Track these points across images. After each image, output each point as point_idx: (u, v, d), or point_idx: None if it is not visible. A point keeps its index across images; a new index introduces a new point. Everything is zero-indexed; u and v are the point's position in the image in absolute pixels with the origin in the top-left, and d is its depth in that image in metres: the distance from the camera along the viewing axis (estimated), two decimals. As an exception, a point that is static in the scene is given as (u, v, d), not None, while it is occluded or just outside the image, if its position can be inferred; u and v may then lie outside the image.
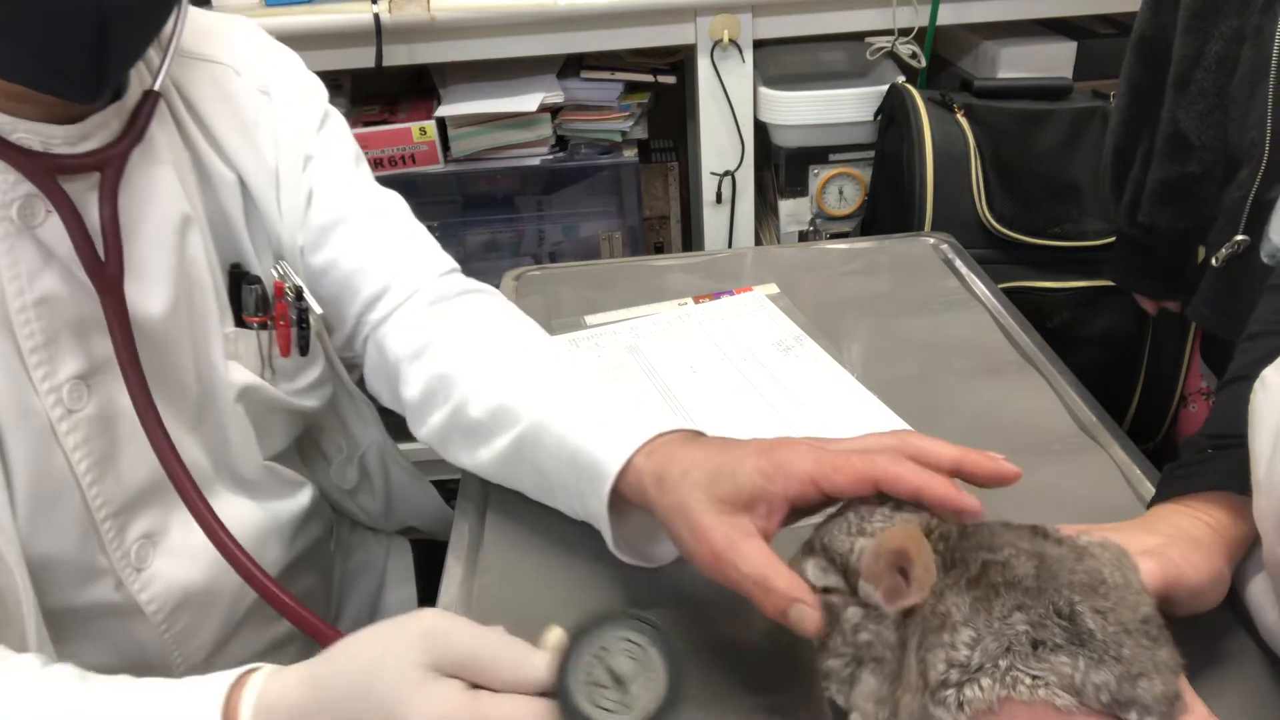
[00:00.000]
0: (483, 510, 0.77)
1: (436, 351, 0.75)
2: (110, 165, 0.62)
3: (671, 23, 1.51)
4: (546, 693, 0.48)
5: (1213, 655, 0.59)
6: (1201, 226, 1.01)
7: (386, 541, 0.99)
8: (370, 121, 1.57)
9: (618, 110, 1.61)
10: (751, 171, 1.62)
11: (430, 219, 1.75)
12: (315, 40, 1.44)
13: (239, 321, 0.73)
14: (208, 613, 0.71)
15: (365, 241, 0.78)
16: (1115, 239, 1.18)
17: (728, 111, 1.56)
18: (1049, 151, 1.40)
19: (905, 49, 1.55)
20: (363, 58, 1.44)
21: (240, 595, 0.73)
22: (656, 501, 0.58)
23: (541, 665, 0.48)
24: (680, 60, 1.66)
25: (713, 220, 1.67)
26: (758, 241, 1.71)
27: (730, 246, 1.66)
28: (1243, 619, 0.61)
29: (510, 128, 1.58)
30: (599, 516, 0.63)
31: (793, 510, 0.54)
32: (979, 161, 1.38)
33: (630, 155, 1.65)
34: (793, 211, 1.65)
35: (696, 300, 1.06)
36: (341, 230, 0.77)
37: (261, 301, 0.74)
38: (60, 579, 0.63)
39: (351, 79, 1.65)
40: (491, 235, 1.77)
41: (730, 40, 1.50)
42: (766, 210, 1.76)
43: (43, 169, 0.59)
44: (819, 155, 1.61)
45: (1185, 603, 0.54)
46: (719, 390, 0.90)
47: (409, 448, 1.84)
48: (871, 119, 1.56)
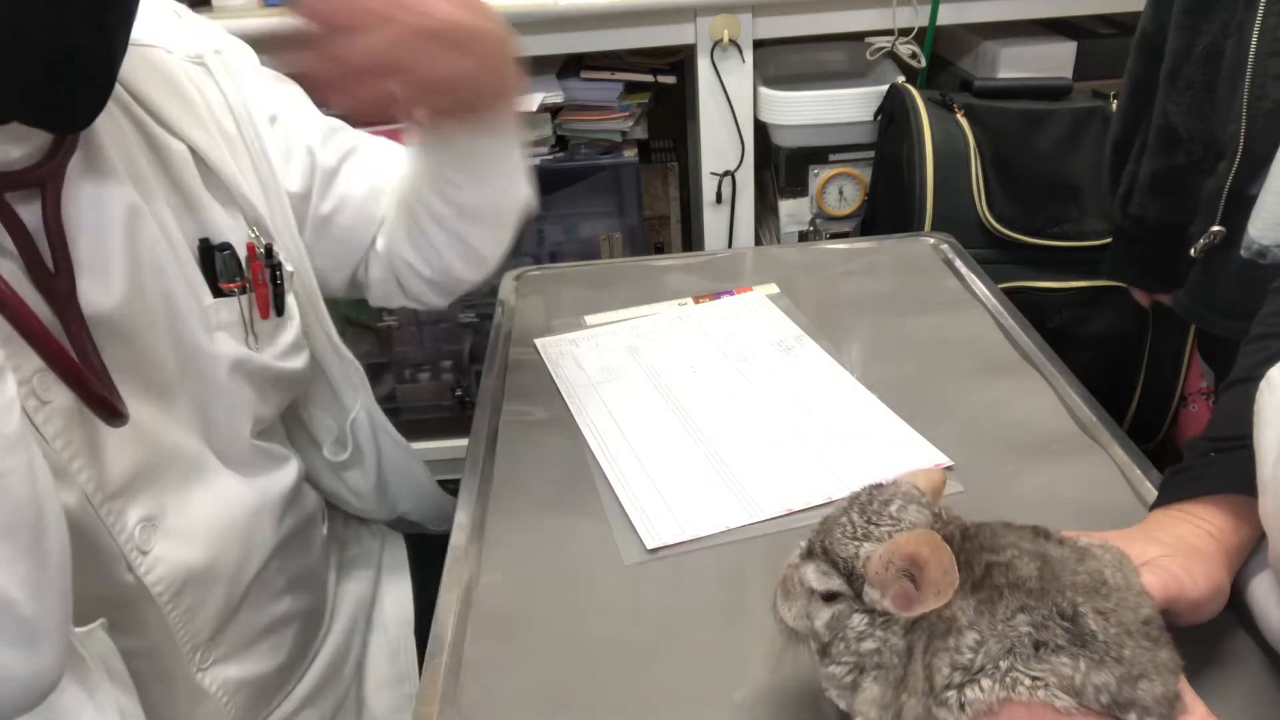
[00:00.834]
0: (483, 510, 0.77)
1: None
2: (51, 180, 0.61)
3: (671, 23, 1.50)
4: None
5: (1213, 655, 0.59)
6: (1191, 219, 1.02)
7: (381, 536, 0.99)
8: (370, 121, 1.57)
9: (618, 110, 1.61)
10: (751, 171, 1.62)
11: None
12: (315, 40, 1.44)
13: (217, 292, 0.74)
14: (209, 592, 0.72)
15: (369, 169, 0.86)
16: (1113, 233, 1.19)
17: (728, 111, 1.56)
18: (1049, 151, 1.40)
19: (905, 49, 1.54)
20: (363, 58, 1.44)
21: (238, 573, 0.75)
22: None
23: None
24: (680, 60, 1.66)
25: (713, 220, 1.66)
26: (758, 241, 1.71)
27: (730, 246, 1.66)
28: (1244, 619, 0.61)
29: (510, 128, 1.58)
30: None
31: None
32: (979, 161, 1.38)
33: (630, 155, 1.64)
34: (793, 211, 1.64)
35: (696, 300, 1.06)
36: (349, 165, 0.85)
37: (235, 266, 0.75)
38: (78, 564, 0.64)
39: (351, 79, 1.64)
40: (491, 235, 1.77)
41: (730, 40, 1.50)
42: (766, 210, 1.76)
43: None
44: (819, 155, 1.60)
45: (1185, 615, 0.54)
46: (719, 390, 0.90)
47: (417, 447, 1.83)
48: (871, 119, 1.55)
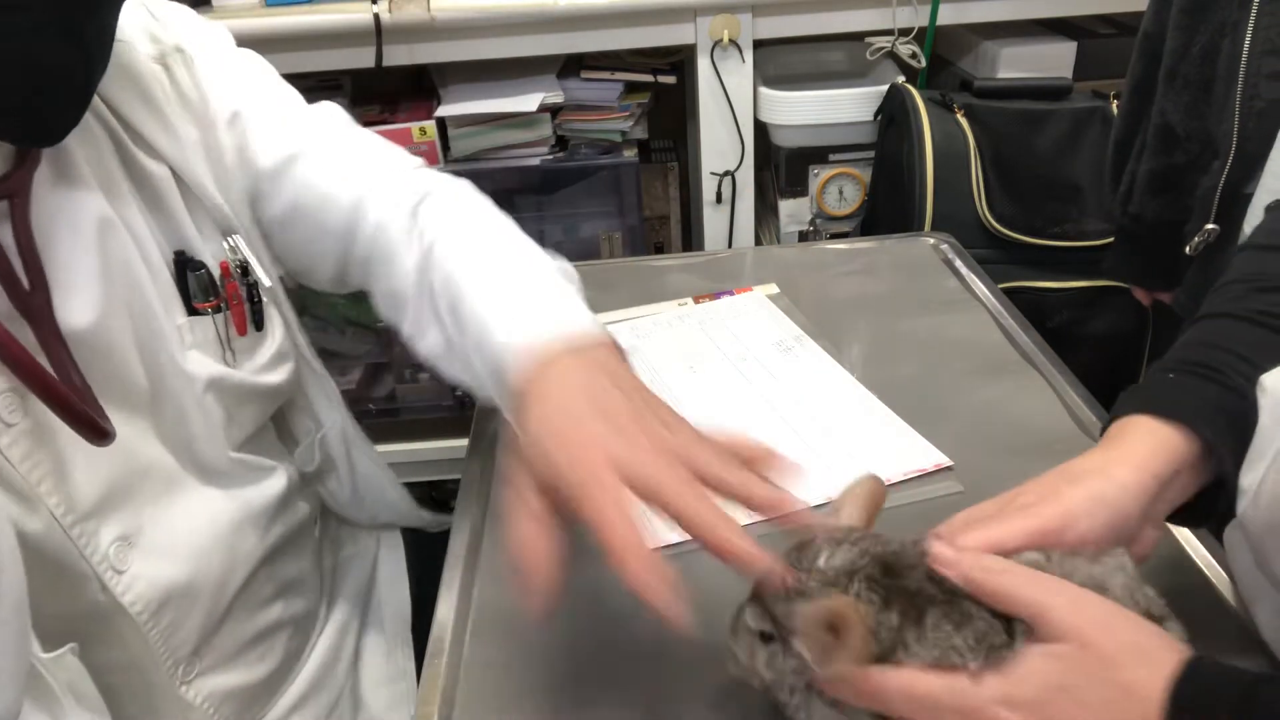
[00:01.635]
0: (483, 510, 0.77)
1: (436, 255, 0.73)
2: (19, 194, 0.60)
3: (671, 23, 1.50)
4: None
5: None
6: (1189, 218, 1.02)
7: (377, 534, 0.98)
8: (370, 121, 1.57)
9: (618, 110, 1.61)
10: (751, 171, 1.62)
11: (430, 219, 1.74)
12: (315, 40, 1.44)
13: (191, 310, 0.72)
14: (191, 608, 0.70)
15: (322, 172, 0.77)
16: (1114, 232, 1.19)
17: (728, 111, 1.56)
18: (1049, 151, 1.40)
19: (905, 49, 1.54)
20: (363, 58, 1.44)
21: (222, 587, 0.73)
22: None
23: None
24: (680, 60, 1.66)
25: (713, 220, 1.66)
26: (758, 241, 1.71)
27: (730, 246, 1.66)
28: (1247, 628, 0.61)
29: (510, 128, 1.58)
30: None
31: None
32: (979, 161, 1.38)
33: (630, 155, 1.64)
34: (793, 211, 1.64)
35: (696, 300, 1.06)
36: (297, 168, 0.76)
37: (209, 286, 0.72)
38: (46, 587, 0.63)
39: (351, 79, 1.65)
40: (491, 235, 1.77)
41: (730, 40, 1.50)
42: (766, 210, 1.76)
43: None
44: (819, 155, 1.60)
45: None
46: (719, 390, 0.90)
47: (417, 447, 1.83)
48: (871, 119, 1.55)
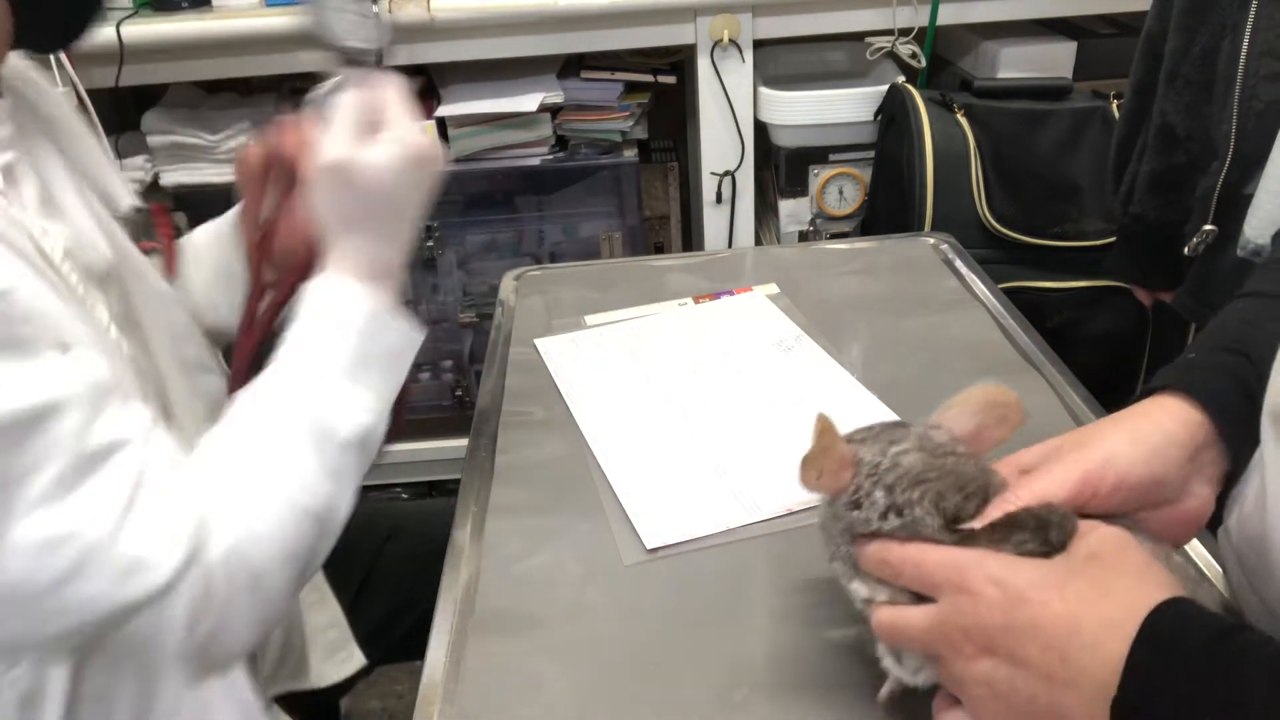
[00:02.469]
0: (483, 510, 0.77)
1: None
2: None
3: (671, 23, 1.51)
4: None
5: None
6: (1189, 218, 1.02)
7: None
8: (370, 121, 1.57)
9: (618, 110, 1.61)
10: (751, 171, 1.62)
11: (430, 219, 1.76)
12: (315, 40, 1.44)
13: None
14: None
15: None
16: (1116, 232, 1.19)
17: (728, 111, 1.56)
18: (1049, 151, 1.40)
19: (905, 49, 1.55)
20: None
21: None
22: None
23: None
24: (680, 60, 1.66)
25: (713, 220, 1.66)
26: (758, 241, 1.71)
27: (730, 246, 1.66)
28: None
29: (510, 128, 1.58)
30: None
31: None
32: (979, 161, 1.38)
33: (630, 155, 1.65)
34: (793, 211, 1.64)
35: (696, 300, 1.06)
36: None
37: (148, 225, 0.77)
38: None
39: (351, 79, 1.64)
40: (491, 235, 1.77)
41: (730, 40, 1.50)
42: (766, 210, 1.76)
43: None
44: (819, 155, 1.60)
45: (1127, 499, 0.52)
46: (719, 390, 0.90)
47: (417, 447, 1.83)
48: (871, 119, 1.55)
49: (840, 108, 1.56)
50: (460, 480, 0.82)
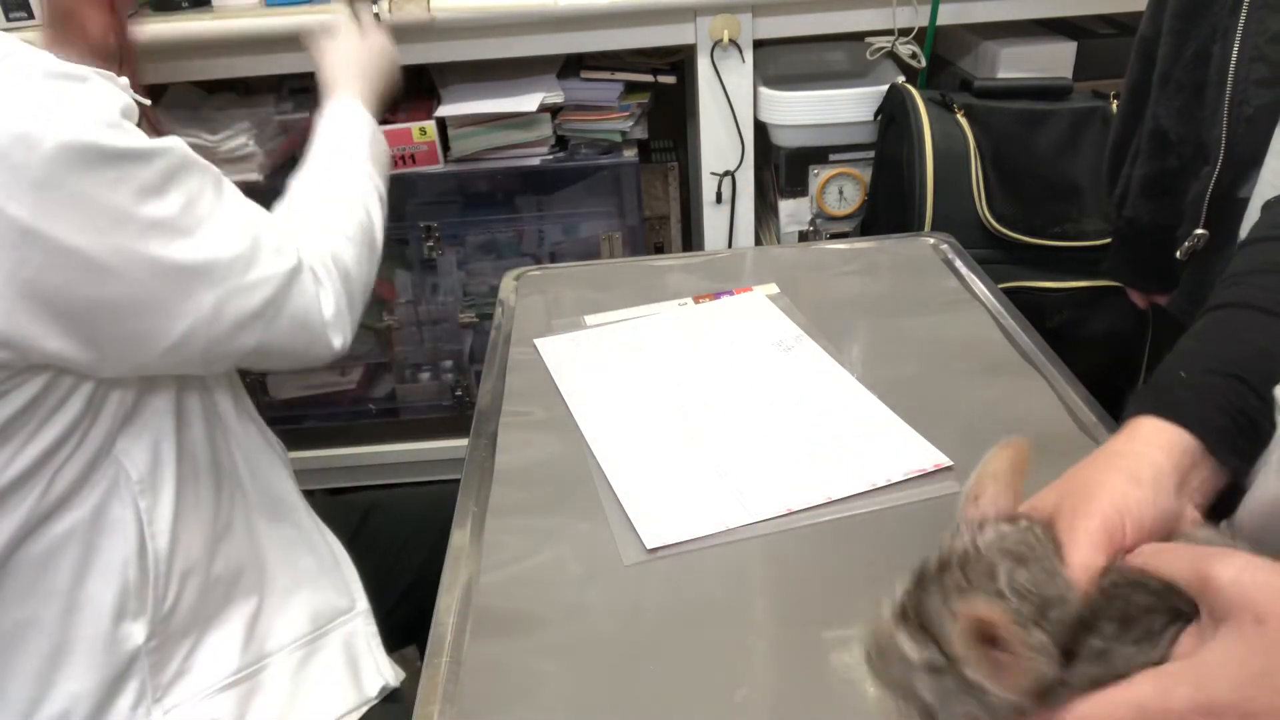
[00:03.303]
0: (483, 510, 0.77)
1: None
2: None
3: (671, 23, 1.51)
4: None
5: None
6: (1181, 222, 1.02)
7: None
8: (370, 121, 1.57)
9: (618, 110, 1.61)
10: (751, 171, 1.62)
11: (430, 219, 1.76)
12: (315, 40, 1.45)
13: None
14: None
15: None
16: (1111, 234, 1.19)
17: (728, 111, 1.56)
18: (1049, 151, 1.40)
19: (905, 49, 1.54)
20: (363, 58, 1.44)
21: None
22: None
23: None
24: (680, 60, 1.66)
25: (713, 220, 1.66)
26: (758, 241, 1.71)
27: (730, 246, 1.66)
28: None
29: (510, 128, 1.58)
30: None
31: None
32: (979, 161, 1.38)
33: (630, 155, 1.64)
34: (793, 211, 1.64)
35: (696, 300, 1.06)
36: None
37: None
38: None
39: (351, 79, 1.65)
40: (491, 235, 1.77)
41: (730, 40, 1.50)
42: (766, 210, 1.76)
43: None
44: (819, 155, 1.60)
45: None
46: (719, 390, 0.90)
47: (417, 447, 1.83)
48: (871, 119, 1.55)
49: (840, 108, 1.56)
50: (460, 480, 0.82)
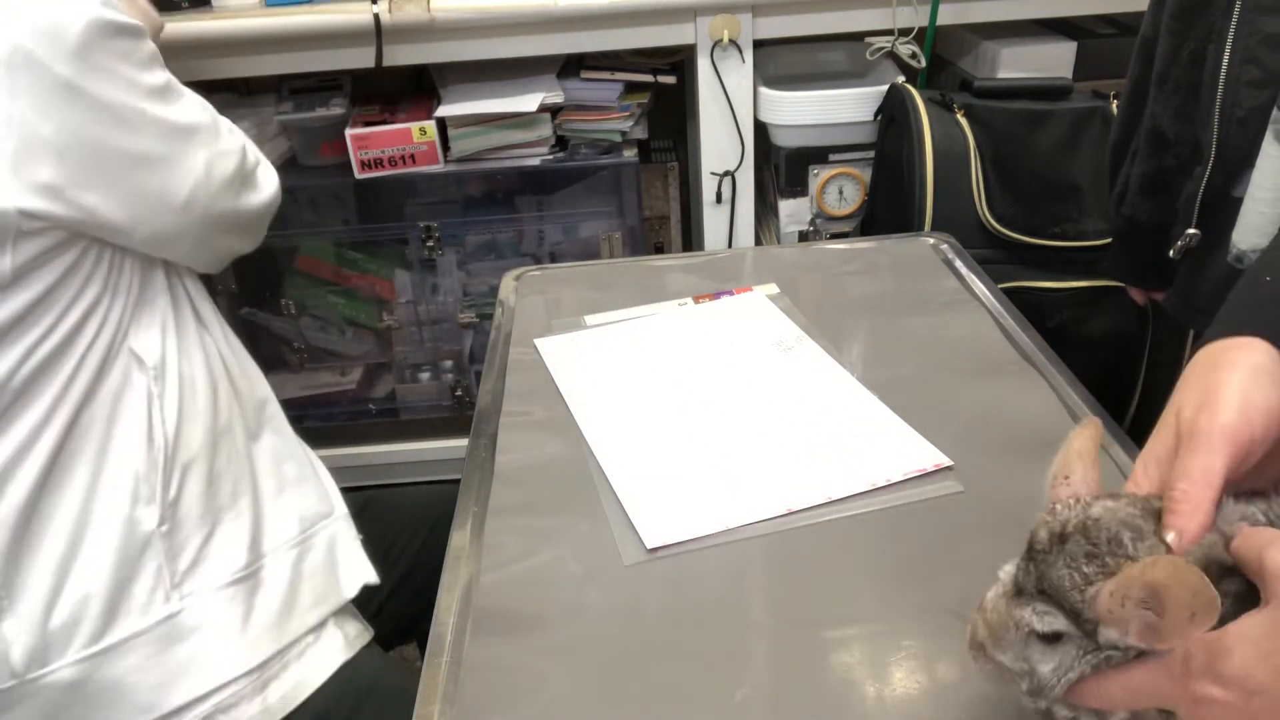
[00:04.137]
0: (483, 510, 0.77)
1: None
2: None
3: (671, 23, 1.51)
4: None
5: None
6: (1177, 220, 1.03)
7: None
8: (370, 121, 1.57)
9: (618, 110, 1.61)
10: (751, 171, 1.62)
11: (430, 219, 1.76)
12: (315, 40, 1.45)
13: None
14: None
15: None
16: (1111, 232, 1.20)
17: (728, 111, 1.56)
18: (1049, 151, 1.40)
19: (905, 49, 1.54)
20: (363, 58, 1.44)
21: None
22: None
23: None
24: (680, 60, 1.66)
25: (713, 220, 1.66)
26: (758, 241, 1.71)
27: (730, 246, 1.66)
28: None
29: (510, 128, 1.58)
30: None
31: None
32: (979, 161, 1.38)
33: (630, 155, 1.64)
34: (793, 211, 1.64)
35: (696, 300, 1.06)
36: None
37: None
38: None
39: (351, 79, 1.65)
40: (491, 235, 1.77)
41: (730, 40, 1.50)
42: (766, 210, 1.76)
43: None
44: (819, 155, 1.60)
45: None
46: (719, 390, 0.90)
47: (417, 447, 1.83)
48: (871, 119, 1.55)
49: (840, 108, 1.56)
50: (460, 480, 0.82)
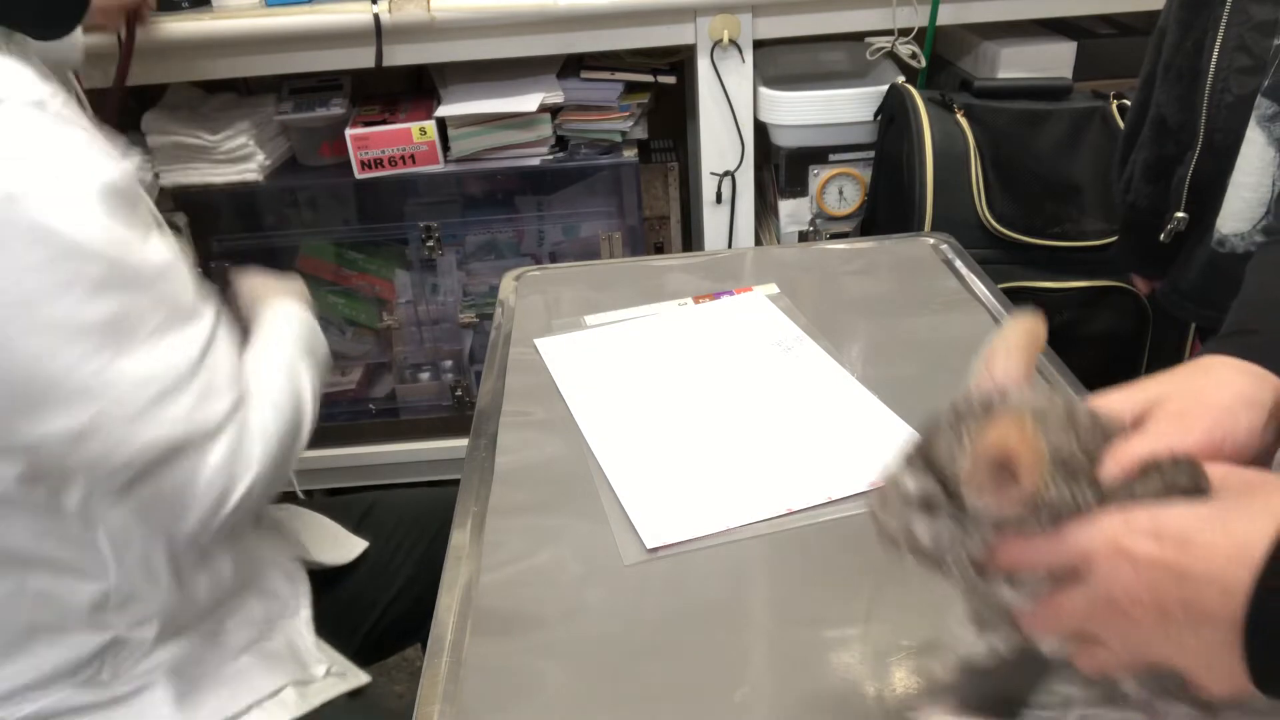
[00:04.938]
0: (483, 510, 0.77)
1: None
2: None
3: (671, 23, 1.51)
4: None
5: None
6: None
7: None
8: (370, 121, 1.57)
9: (618, 110, 1.61)
10: (751, 171, 1.62)
11: (430, 219, 1.76)
12: (315, 40, 1.45)
13: None
14: None
15: None
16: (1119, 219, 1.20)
17: (728, 111, 1.56)
18: (1049, 151, 1.40)
19: (905, 49, 1.54)
20: (363, 58, 1.44)
21: None
22: None
23: None
24: (680, 60, 1.66)
25: (713, 220, 1.67)
26: (758, 241, 1.71)
27: (730, 246, 1.66)
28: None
29: (510, 128, 1.58)
30: None
31: None
32: (979, 161, 1.38)
33: (630, 155, 1.64)
34: (793, 211, 1.65)
35: (696, 300, 1.06)
36: None
37: None
38: None
39: (351, 79, 1.65)
40: (491, 235, 1.77)
41: (730, 40, 1.50)
42: (766, 210, 1.76)
43: None
44: (819, 155, 1.61)
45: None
46: (719, 390, 0.90)
47: (417, 447, 1.84)
48: (871, 119, 1.56)
49: (840, 108, 1.56)
50: (460, 480, 0.82)
